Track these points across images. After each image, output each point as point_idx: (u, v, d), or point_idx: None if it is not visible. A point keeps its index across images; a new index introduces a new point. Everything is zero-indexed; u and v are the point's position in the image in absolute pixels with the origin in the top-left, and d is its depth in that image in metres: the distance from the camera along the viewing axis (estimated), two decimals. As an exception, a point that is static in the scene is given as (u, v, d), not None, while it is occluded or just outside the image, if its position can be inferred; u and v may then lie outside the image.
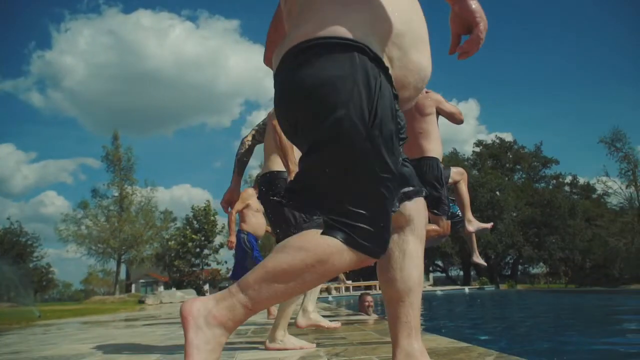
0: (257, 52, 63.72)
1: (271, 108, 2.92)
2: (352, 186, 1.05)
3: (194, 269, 30.99)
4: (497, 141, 40.90)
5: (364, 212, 1.04)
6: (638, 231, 20.79)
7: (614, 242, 21.19)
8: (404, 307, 1.29)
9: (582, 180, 38.04)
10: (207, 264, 31.99)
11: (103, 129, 73.97)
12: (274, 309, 5.43)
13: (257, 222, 5.71)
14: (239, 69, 65.02)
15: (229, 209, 5.09)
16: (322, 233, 1.05)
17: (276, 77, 1.18)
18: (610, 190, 23.84)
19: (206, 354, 1.06)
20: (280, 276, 1.05)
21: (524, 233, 32.43)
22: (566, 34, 69.58)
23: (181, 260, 30.13)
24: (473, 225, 4.12)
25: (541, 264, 34.94)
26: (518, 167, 40.02)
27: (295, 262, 1.04)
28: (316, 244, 1.04)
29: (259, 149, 3.53)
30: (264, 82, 63.18)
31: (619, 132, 21.30)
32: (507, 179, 37.16)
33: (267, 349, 2.63)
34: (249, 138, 3.30)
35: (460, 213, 4.23)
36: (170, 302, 17.42)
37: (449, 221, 3.77)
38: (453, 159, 35.50)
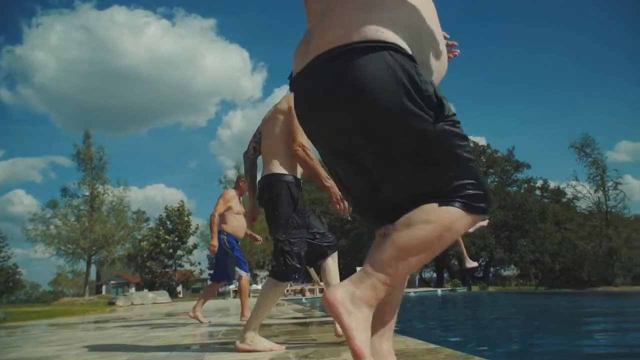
0: (233, 52, 63.36)
1: (263, 113, 2.98)
2: (451, 163, 1.16)
3: (167, 269, 30.61)
4: (471, 145, 41.49)
5: (471, 180, 1.16)
6: (605, 235, 21.30)
7: (582, 245, 21.66)
8: (382, 308, 1.28)
9: (552, 185, 38.84)
10: (181, 265, 31.64)
11: (75, 126, 72.51)
12: (248, 312, 5.41)
13: (237, 223, 5.68)
14: (215, 68, 64.67)
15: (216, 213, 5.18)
16: (440, 205, 1.14)
17: (310, 83, 1.23)
18: (579, 195, 24.36)
19: (364, 334, 1.12)
20: (413, 250, 1.14)
21: (496, 236, 32.94)
22: (541, 40, 71.09)
23: (154, 261, 29.72)
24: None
25: (512, 266, 35.55)
26: (491, 170, 40.62)
27: (427, 235, 1.13)
28: (440, 216, 1.13)
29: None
30: (241, 82, 62.84)
31: (588, 138, 21.82)
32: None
33: (237, 349, 2.62)
34: (252, 152, 3.35)
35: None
36: (142, 304, 17.16)
37: None
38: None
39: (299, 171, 2.87)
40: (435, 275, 38.60)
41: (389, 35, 1.15)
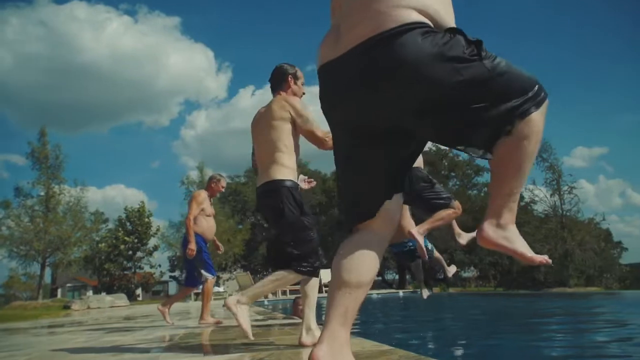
0: (198, 51, 62.45)
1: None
2: (512, 84, 1.28)
3: (126, 272, 29.84)
4: (434, 149, 42.16)
5: (529, 94, 1.28)
6: (560, 237, 22.01)
7: (539, 247, 22.27)
8: (347, 299, 1.34)
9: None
10: (140, 267, 30.88)
11: (31, 123, 70.01)
12: (208, 316, 5.33)
13: (207, 225, 5.62)
14: (179, 67, 63.53)
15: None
16: (526, 119, 1.28)
17: (351, 70, 1.34)
18: (536, 198, 25.07)
19: (521, 240, 1.45)
20: (528, 163, 1.35)
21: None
22: (501, 45, 72.79)
23: (112, 263, 28.93)
24: (463, 238, 4.50)
25: (472, 268, 36.27)
26: (453, 174, 41.38)
27: (532, 148, 1.32)
28: (537, 124, 1.30)
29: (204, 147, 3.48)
30: (205, 82, 61.94)
31: (545, 143, 22.44)
32: (442, 185, 38.23)
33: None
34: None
35: (431, 246, 4.48)
36: (99, 308, 16.69)
37: (456, 201, 4.21)
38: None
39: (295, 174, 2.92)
40: (397, 277, 39.02)
41: (414, 17, 1.30)
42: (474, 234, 4.58)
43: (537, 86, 1.31)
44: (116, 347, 3.37)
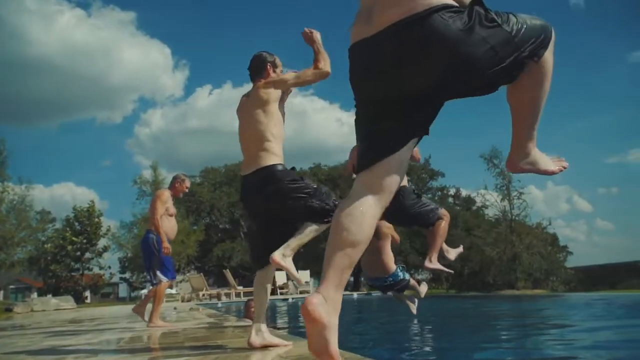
0: (154, 48, 60.89)
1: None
2: (526, 39, 1.46)
3: (74, 273, 28.79)
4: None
5: (540, 38, 1.48)
6: (509, 241, 22.67)
7: (489, 251, 22.91)
8: (344, 259, 1.41)
9: (464, 193, 40.85)
10: (89, 269, 29.86)
11: (-26, 118, 66.66)
12: (159, 320, 5.21)
13: (169, 225, 5.51)
14: (133, 63, 61.55)
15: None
16: (538, 62, 1.49)
17: (386, 46, 1.46)
18: (487, 203, 25.74)
19: (545, 158, 1.75)
20: (544, 98, 1.57)
21: (411, 241, 34.13)
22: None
23: (59, 264, 27.84)
24: (451, 253, 4.67)
25: (425, 270, 36.96)
26: (408, 178, 42.09)
27: (547, 83, 1.55)
28: (548, 62, 1.52)
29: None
30: (161, 79, 60.42)
31: (496, 150, 23.10)
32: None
33: (272, 260, 2.68)
34: None
35: (408, 277, 4.75)
36: (44, 310, 16.03)
37: (442, 209, 4.43)
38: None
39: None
40: (352, 279, 39.33)
41: (440, 0, 1.43)
42: (460, 249, 4.83)
43: (544, 30, 1.50)
44: (57, 351, 3.24)
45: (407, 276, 4.73)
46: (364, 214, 1.47)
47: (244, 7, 56.97)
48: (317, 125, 54.52)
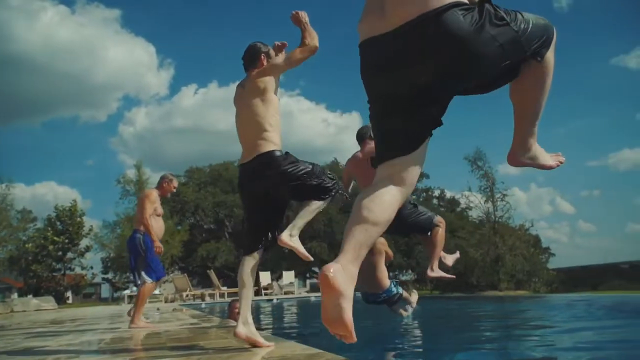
0: (139, 46, 60.29)
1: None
2: (533, 39, 1.52)
3: (55, 274, 28.39)
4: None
5: (543, 38, 1.54)
6: (493, 243, 22.86)
7: (472, 252, 23.05)
8: (363, 235, 1.44)
9: (449, 194, 41.12)
10: (71, 269, 29.49)
11: (-47, 115, 65.38)
12: (141, 321, 5.15)
13: (157, 225, 5.48)
14: (118, 61, 60.72)
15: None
16: (540, 62, 1.55)
17: (401, 42, 1.48)
18: (472, 205, 25.90)
19: (543, 153, 1.83)
20: (545, 94, 1.64)
21: (395, 242, 34.28)
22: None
23: (40, 264, 27.43)
24: (449, 259, 4.75)
25: (409, 271, 37.14)
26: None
27: (548, 81, 1.60)
28: (550, 61, 1.57)
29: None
30: (146, 78, 59.80)
31: (480, 152, 23.25)
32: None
33: (280, 241, 2.87)
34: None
35: (401, 291, 4.88)
36: (24, 311, 15.80)
37: (438, 216, 4.58)
38: (333, 168, 36.54)
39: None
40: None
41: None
42: (457, 255, 4.92)
43: (548, 29, 1.56)
44: (37, 352, 3.19)
45: (400, 290, 4.84)
46: (386, 198, 1.52)
47: (231, 6, 56.70)
48: (303, 126, 54.31)
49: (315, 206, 2.96)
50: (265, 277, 19.12)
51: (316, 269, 38.48)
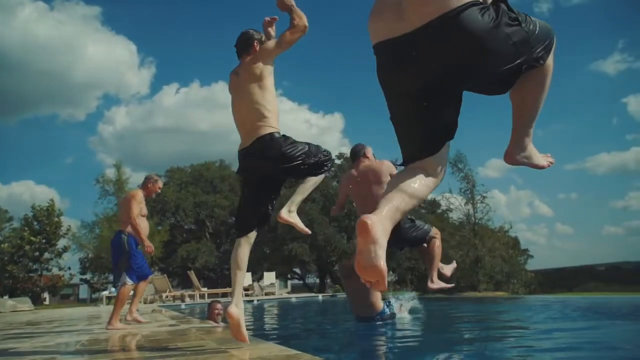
0: (119, 44, 59.50)
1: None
2: (539, 42, 1.57)
3: (31, 274, 27.89)
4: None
5: (546, 42, 1.60)
6: (472, 244, 23.07)
7: (452, 253, 23.22)
8: (401, 200, 1.50)
9: (430, 196, 41.42)
10: (48, 269, 28.99)
11: None
12: (118, 323, 5.10)
13: (142, 225, 5.52)
14: (98, 59, 59.82)
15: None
16: (543, 66, 1.61)
17: (422, 42, 1.50)
18: (452, 206, 26.12)
19: (536, 153, 1.92)
20: (544, 97, 1.70)
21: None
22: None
23: (16, 264, 26.92)
24: (446, 269, 4.82)
25: (391, 272, 37.34)
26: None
27: (548, 83, 1.68)
28: (550, 65, 1.64)
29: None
30: (126, 76, 59.06)
31: (460, 154, 23.46)
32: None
33: (279, 218, 3.01)
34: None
35: (394, 310, 5.03)
36: (0, 312, 15.51)
37: (433, 227, 4.75)
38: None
39: None
40: (318, 280, 39.35)
41: None
42: (454, 265, 5.01)
43: (550, 34, 1.62)
44: (12, 354, 3.14)
45: (393, 309, 4.94)
46: (425, 180, 1.59)
47: (212, 5, 56.35)
48: (285, 126, 52.53)
49: (312, 182, 3.07)
50: (246, 278, 19.06)
51: (297, 270, 38.46)
